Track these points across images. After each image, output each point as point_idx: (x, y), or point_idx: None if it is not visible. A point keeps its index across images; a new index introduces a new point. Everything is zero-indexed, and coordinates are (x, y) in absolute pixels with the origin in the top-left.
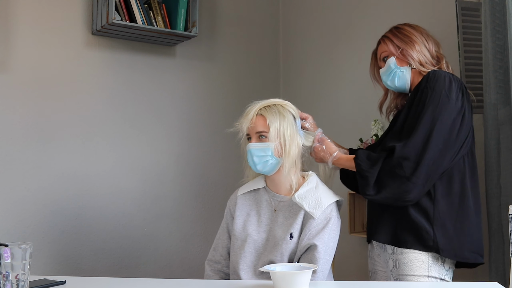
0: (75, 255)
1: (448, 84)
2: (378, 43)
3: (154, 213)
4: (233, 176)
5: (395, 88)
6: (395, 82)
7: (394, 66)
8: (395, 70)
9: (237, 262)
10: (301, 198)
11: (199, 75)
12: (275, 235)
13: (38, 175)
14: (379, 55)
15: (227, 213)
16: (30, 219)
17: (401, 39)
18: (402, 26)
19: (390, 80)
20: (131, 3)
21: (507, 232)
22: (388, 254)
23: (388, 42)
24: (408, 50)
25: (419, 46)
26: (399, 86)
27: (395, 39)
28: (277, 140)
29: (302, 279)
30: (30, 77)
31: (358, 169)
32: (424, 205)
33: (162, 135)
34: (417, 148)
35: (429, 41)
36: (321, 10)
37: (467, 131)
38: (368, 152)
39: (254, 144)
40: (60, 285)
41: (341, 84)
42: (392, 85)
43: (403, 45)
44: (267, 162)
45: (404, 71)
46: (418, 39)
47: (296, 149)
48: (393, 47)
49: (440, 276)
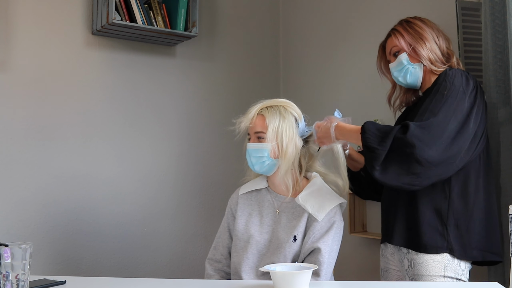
0: (75, 255)
1: (466, 81)
2: (388, 36)
3: (154, 213)
4: (233, 176)
5: (406, 84)
6: (407, 79)
7: (406, 62)
8: (408, 67)
9: (240, 263)
10: (304, 200)
11: (199, 75)
12: (278, 237)
13: (38, 175)
14: (389, 49)
15: (228, 212)
16: (30, 219)
17: (412, 35)
18: (413, 21)
19: (402, 76)
20: (131, 3)
21: (507, 232)
22: (403, 254)
23: (400, 37)
24: (418, 48)
25: (429, 43)
26: (410, 82)
27: (407, 35)
28: (275, 141)
29: (302, 279)
30: (30, 77)
31: (365, 143)
32: (439, 205)
33: (162, 135)
34: (433, 131)
35: (439, 37)
36: (321, 10)
37: (482, 128)
38: (378, 124)
39: (252, 145)
40: (60, 285)
41: (341, 84)
42: (404, 81)
43: (414, 43)
44: (264, 163)
45: (417, 67)
46: (429, 35)
47: (293, 151)
48: (405, 43)
49: (457, 275)
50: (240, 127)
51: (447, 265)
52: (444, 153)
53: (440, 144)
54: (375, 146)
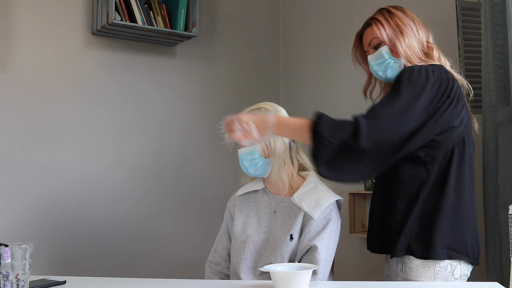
0: (75, 255)
1: (425, 75)
2: (367, 25)
3: (154, 213)
4: (233, 176)
5: (385, 79)
6: (387, 73)
7: (388, 56)
8: (389, 61)
9: (238, 263)
10: (300, 198)
11: (199, 75)
12: (275, 236)
13: (38, 175)
14: (368, 39)
15: (227, 215)
16: (30, 219)
17: (393, 29)
18: (394, 11)
19: (382, 70)
20: (131, 3)
21: (506, 232)
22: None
23: (382, 28)
24: (397, 43)
25: (408, 38)
26: (390, 77)
27: (388, 28)
28: (262, 142)
29: (302, 279)
30: (30, 77)
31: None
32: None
33: (162, 135)
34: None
35: (419, 29)
36: (321, 10)
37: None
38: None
39: (242, 149)
40: (60, 285)
41: (341, 84)
42: (383, 76)
43: (394, 37)
44: (257, 164)
45: (398, 62)
46: (408, 30)
47: (281, 146)
48: (386, 36)
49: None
50: (228, 139)
51: (438, 273)
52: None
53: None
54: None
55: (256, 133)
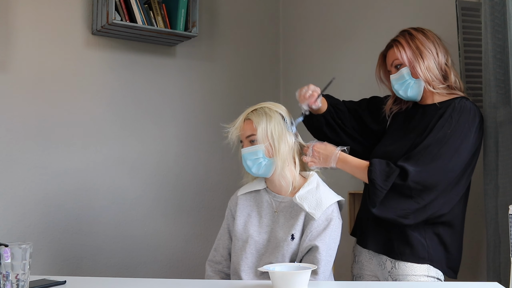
0: (75, 255)
1: (472, 116)
2: (389, 46)
3: (154, 213)
4: (233, 176)
5: (406, 98)
6: (407, 93)
7: (408, 77)
8: (409, 81)
9: (238, 263)
10: (301, 198)
11: (199, 75)
12: (276, 236)
13: (38, 175)
14: (390, 60)
15: (228, 214)
16: (30, 219)
17: (413, 51)
18: (415, 34)
19: (403, 90)
20: (131, 3)
21: (506, 232)
22: (384, 257)
23: (402, 50)
24: (416, 66)
25: (427, 61)
26: (411, 96)
27: (408, 50)
28: (267, 141)
29: (301, 279)
30: (30, 77)
31: (371, 177)
32: None
33: (162, 135)
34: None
35: (439, 51)
36: (321, 10)
37: (475, 162)
38: (383, 162)
39: (246, 149)
40: (60, 285)
41: (341, 84)
42: (404, 95)
43: (413, 60)
44: (261, 164)
45: (418, 82)
46: (428, 53)
47: (286, 146)
48: (407, 58)
49: (438, 275)
50: (232, 138)
51: (430, 266)
52: (442, 193)
53: (439, 187)
54: (379, 183)
55: (322, 163)
